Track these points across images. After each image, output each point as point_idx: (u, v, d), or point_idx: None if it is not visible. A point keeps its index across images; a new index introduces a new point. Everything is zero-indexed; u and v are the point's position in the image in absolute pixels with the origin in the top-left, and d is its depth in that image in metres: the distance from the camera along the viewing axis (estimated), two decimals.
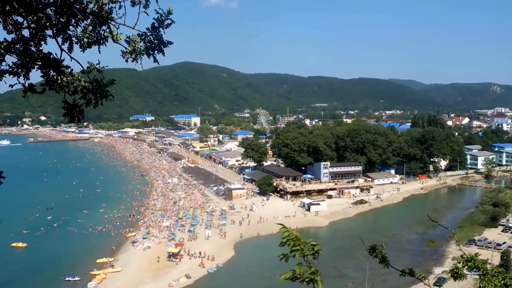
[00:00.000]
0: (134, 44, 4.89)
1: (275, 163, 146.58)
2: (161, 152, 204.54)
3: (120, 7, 4.72)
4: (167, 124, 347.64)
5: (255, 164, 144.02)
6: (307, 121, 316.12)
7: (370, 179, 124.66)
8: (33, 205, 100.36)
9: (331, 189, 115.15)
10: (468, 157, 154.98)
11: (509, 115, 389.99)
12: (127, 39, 4.90)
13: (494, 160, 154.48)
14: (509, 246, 70.81)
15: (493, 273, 6.45)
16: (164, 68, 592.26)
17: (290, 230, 4.80)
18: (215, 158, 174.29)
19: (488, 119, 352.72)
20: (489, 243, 73.56)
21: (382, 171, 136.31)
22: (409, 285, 53.07)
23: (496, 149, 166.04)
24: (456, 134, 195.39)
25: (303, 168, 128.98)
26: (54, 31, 4.71)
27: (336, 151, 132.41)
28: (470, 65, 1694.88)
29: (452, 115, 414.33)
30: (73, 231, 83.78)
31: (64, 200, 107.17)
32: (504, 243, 73.21)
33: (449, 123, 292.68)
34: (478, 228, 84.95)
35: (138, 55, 4.95)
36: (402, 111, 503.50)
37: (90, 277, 61.45)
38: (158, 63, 5.15)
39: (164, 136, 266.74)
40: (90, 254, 70.33)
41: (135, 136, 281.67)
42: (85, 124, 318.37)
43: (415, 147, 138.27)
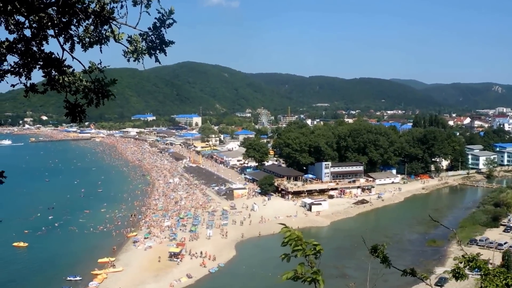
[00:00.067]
0: (135, 44, 4.90)
1: (276, 163, 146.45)
2: (163, 152, 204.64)
3: (121, 6, 4.73)
4: (168, 124, 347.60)
5: (257, 164, 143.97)
6: (309, 121, 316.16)
7: (371, 179, 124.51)
8: (35, 204, 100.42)
9: (332, 189, 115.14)
10: (469, 157, 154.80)
11: (511, 115, 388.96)
12: (129, 38, 4.91)
13: (496, 160, 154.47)
14: (510, 246, 70.73)
15: (495, 273, 6.45)
16: (166, 67, 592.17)
17: (292, 230, 4.80)
18: (216, 158, 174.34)
19: (490, 119, 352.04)
20: (491, 243, 73.45)
21: (384, 171, 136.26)
22: (410, 285, 53.04)
23: (498, 149, 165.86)
24: (458, 134, 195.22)
25: (304, 168, 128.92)
26: (55, 30, 4.72)
27: (338, 151, 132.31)
28: (471, 65, 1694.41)
29: (454, 115, 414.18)
30: (75, 231, 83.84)
31: (65, 200, 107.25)
32: (505, 243, 73.09)
33: (451, 123, 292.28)
34: (479, 228, 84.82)
35: (140, 55, 4.96)
36: (404, 111, 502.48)
37: (92, 277, 61.51)
38: (159, 62, 5.16)
39: (166, 136, 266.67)
40: (91, 254, 70.39)
41: (137, 136, 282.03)
42: (86, 123, 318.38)
43: (416, 147, 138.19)
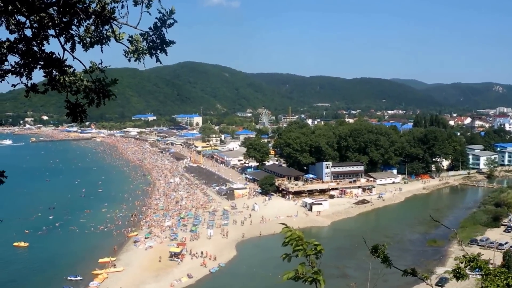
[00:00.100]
0: (136, 44, 4.90)
1: (277, 162, 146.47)
2: (163, 152, 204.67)
3: (122, 6, 4.72)
4: (169, 124, 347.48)
5: (257, 163, 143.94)
6: (309, 121, 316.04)
7: (372, 179, 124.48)
8: (35, 204, 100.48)
9: (333, 189, 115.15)
10: (470, 157, 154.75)
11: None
12: (130, 38, 4.91)
13: (496, 160, 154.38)
14: (511, 246, 70.70)
15: (495, 273, 6.46)
16: (166, 67, 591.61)
17: (293, 230, 4.79)
18: (217, 158, 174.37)
19: (490, 119, 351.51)
20: (491, 243, 73.46)
21: (384, 171, 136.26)
22: (411, 285, 53.07)
23: (499, 149, 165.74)
24: (458, 134, 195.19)
25: (305, 168, 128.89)
26: (56, 30, 4.72)
27: (338, 151, 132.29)
28: (472, 65, 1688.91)
29: (454, 115, 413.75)
30: (75, 230, 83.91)
31: (66, 200, 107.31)
32: (506, 243, 73.09)
33: (451, 123, 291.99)
34: (480, 228, 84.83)
35: (141, 55, 4.96)
36: (404, 111, 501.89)
37: (92, 277, 61.59)
38: (160, 62, 5.15)
39: (166, 135, 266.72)
40: (92, 254, 70.45)
41: (137, 136, 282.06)
42: (87, 123, 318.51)
43: (417, 147, 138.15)
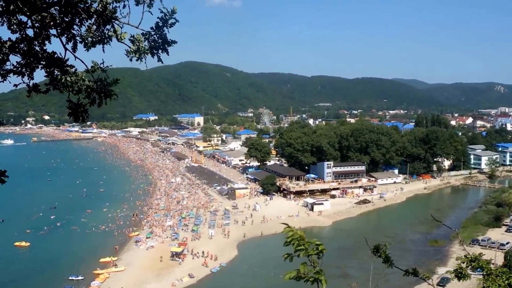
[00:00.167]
0: (138, 43, 4.90)
1: (278, 162, 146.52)
2: (165, 152, 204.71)
3: (124, 6, 4.72)
4: (170, 124, 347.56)
5: (259, 163, 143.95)
6: (311, 121, 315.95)
7: (373, 179, 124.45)
8: (37, 204, 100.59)
9: (334, 189, 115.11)
10: (471, 157, 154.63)
11: None
12: (131, 38, 4.91)
13: (498, 160, 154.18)
14: None
15: (497, 273, 6.46)
16: (168, 67, 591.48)
17: (294, 230, 4.79)
18: (218, 158, 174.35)
19: (492, 118, 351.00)
20: (493, 243, 73.41)
21: (386, 171, 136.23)
22: (412, 285, 53.06)
23: (500, 149, 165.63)
24: (460, 134, 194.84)
25: (306, 167, 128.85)
26: (58, 30, 4.72)
27: (340, 151, 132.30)
28: (474, 65, 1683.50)
29: (456, 115, 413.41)
30: (76, 230, 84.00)
31: (67, 200, 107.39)
32: (507, 243, 72.99)
33: (453, 122, 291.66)
34: (481, 228, 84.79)
35: (142, 54, 4.95)
36: (406, 111, 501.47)
37: (94, 276, 61.62)
38: (162, 62, 5.15)
39: (168, 135, 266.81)
40: (93, 254, 70.49)
41: (139, 136, 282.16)
42: (88, 123, 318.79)
43: (418, 147, 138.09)
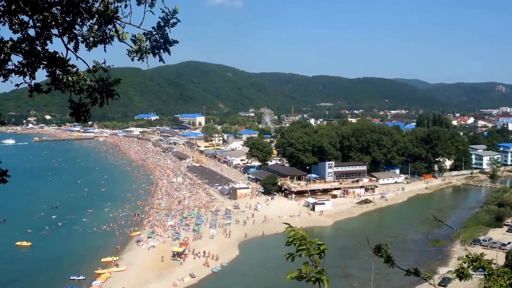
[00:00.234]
0: (140, 43, 4.90)
1: (279, 162, 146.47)
2: (166, 152, 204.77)
3: (125, 6, 4.73)
4: (171, 124, 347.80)
5: (260, 163, 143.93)
6: (312, 121, 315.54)
7: (374, 179, 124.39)
8: (38, 204, 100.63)
9: (335, 189, 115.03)
10: (473, 157, 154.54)
11: None
12: (133, 38, 4.91)
13: (499, 160, 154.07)
14: None
15: (499, 273, 6.45)
16: (169, 67, 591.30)
17: (296, 230, 4.79)
18: (219, 158, 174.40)
19: (493, 118, 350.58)
20: (494, 243, 73.26)
21: (387, 170, 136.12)
22: (414, 285, 53.01)
23: (501, 149, 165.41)
24: (461, 133, 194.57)
25: (307, 167, 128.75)
26: (60, 30, 4.73)
27: (341, 151, 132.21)
28: (475, 65, 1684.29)
29: (457, 115, 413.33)
30: (78, 230, 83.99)
31: (68, 199, 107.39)
32: (509, 243, 72.88)
33: (454, 122, 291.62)
34: (483, 228, 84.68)
35: (144, 54, 4.96)
36: (407, 111, 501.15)
37: (95, 276, 61.60)
38: (163, 62, 5.15)
39: (169, 135, 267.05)
40: (94, 253, 70.48)
41: (140, 135, 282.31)
42: (89, 123, 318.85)
43: (420, 146, 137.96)
